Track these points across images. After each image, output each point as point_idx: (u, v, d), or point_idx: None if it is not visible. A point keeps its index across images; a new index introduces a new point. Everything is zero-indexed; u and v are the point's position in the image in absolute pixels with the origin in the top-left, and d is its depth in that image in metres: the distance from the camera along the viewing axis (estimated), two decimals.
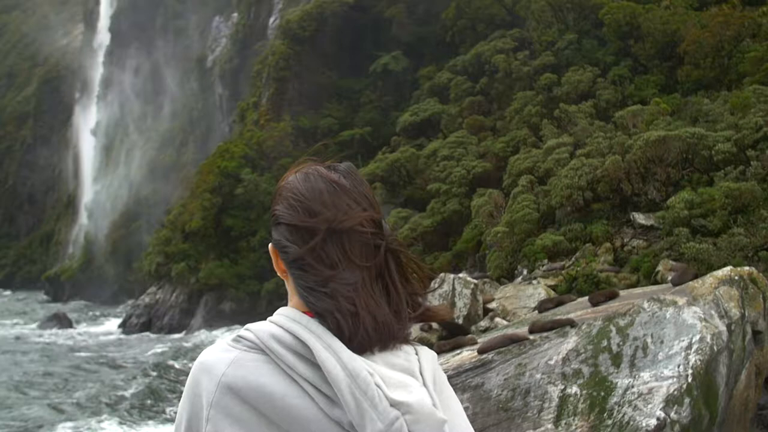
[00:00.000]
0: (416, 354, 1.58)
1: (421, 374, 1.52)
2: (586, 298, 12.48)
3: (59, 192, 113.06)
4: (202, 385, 1.48)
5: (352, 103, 49.09)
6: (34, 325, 51.35)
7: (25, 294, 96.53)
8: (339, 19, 50.06)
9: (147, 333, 42.97)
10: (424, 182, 33.05)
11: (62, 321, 50.25)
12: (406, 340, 1.57)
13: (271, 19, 69.25)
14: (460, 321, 17.06)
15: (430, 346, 16.37)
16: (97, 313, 62.30)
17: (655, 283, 15.34)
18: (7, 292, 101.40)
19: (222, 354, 1.50)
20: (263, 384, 1.43)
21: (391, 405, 1.39)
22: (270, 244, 1.66)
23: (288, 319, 1.50)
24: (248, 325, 1.54)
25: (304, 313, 1.52)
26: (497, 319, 16.61)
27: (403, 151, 35.49)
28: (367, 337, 1.47)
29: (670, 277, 12.73)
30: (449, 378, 6.76)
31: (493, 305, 17.54)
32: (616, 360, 8.96)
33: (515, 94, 34.24)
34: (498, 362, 10.11)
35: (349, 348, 1.45)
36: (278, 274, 1.65)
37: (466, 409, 10.28)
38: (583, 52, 33.71)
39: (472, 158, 31.35)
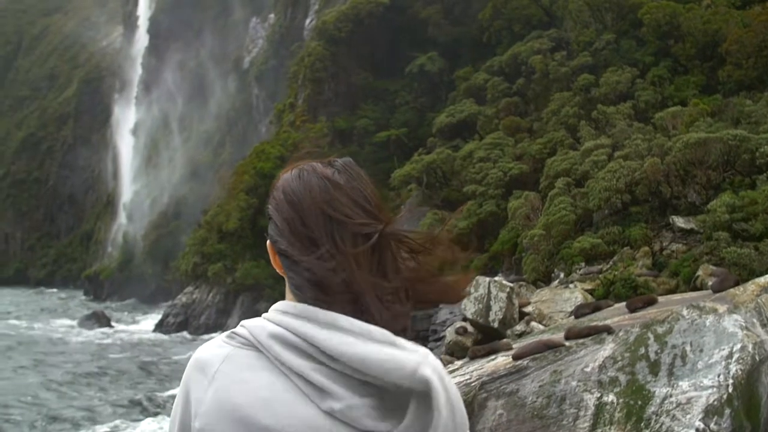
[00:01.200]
0: (424, 357, 1.50)
1: None
2: (624, 303, 12.28)
3: (99, 192, 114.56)
4: (199, 382, 1.47)
5: (388, 104, 49.02)
6: (74, 322, 52.03)
7: (65, 292, 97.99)
8: (375, 19, 50.00)
9: (183, 333, 43.29)
10: (460, 184, 32.86)
11: (101, 320, 50.85)
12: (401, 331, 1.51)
13: (307, 20, 69.44)
14: (495, 325, 16.91)
15: (465, 349, 16.28)
16: (135, 312, 63.00)
17: (695, 288, 15.07)
18: (48, 290, 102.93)
19: (216, 350, 1.49)
20: (251, 384, 1.42)
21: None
22: (267, 242, 1.63)
23: (279, 313, 1.48)
24: (243, 322, 1.53)
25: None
26: (533, 323, 16.43)
27: (439, 153, 35.32)
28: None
29: (710, 283, 12.49)
30: (483, 384, 6.64)
31: (529, 309, 17.36)
32: (654, 368, 8.79)
33: (552, 95, 33.92)
34: (533, 369, 9.99)
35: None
36: (277, 271, 1.63)
37: (500, 416, 10.16)
38: (621, 52, 33.31)
39: (509, 160, 31.10)
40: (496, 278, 18.95)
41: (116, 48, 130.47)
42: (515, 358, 10.41)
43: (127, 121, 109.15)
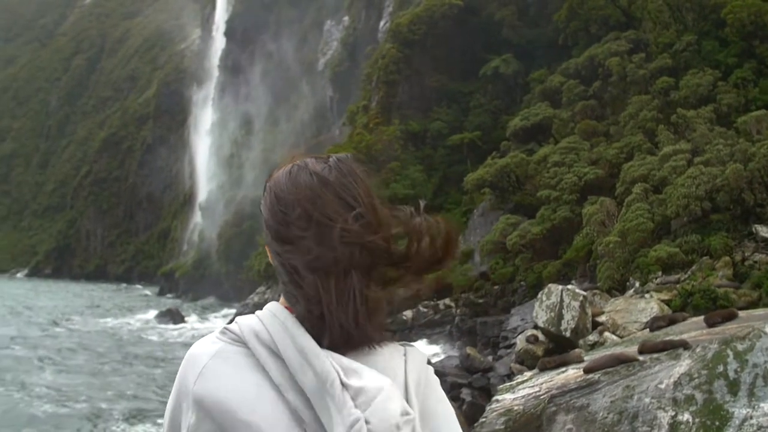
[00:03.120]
0: (404, 355, 1.54)
1: (405, 375, 1.49)
2: (701, 318, 11.85)
3: (176, 191, 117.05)
4: (188, 377, 1.50)
5: (462, 107, 48.72)
6: (150, 317, 53.18)
7: (142, 288, 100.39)
8: (449, 21, 49.76)
9: None
10: (533, 188, 32.40)
11: (175, 316, 51.88)
12: (387, 340, 1.52)
13: (381, 23, 69.59)
14: (567, 334, 16.58)
15: (535, 359, 15.98)
16: (208, 311, 64.05)
17: None
18: (126, 286, 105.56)
19: (208, 346, 1.51)
20: (231, 379, 1.44)
21: (356, 406, 1.35)
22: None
23: (270, 315, 1.50)
24: (237, 318, 1.54)
25: (287, 308, 1.52)
26: (606, 334, 16.03)
27: (512, 156, 34.89)
28: (336, 337, 1.44)
29: None
30: (553, 397, 6.37)
31: (602, 318, 16.96)
32: (733, 388, 8.43)
33: (630, 99, 33.20)
34: (605, 383, 9.73)
35: (322, 347, 1.43)
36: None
37: (569, 431, 9.87)
38: (702, 53, 32.41)
39: (584, 164, 30.50)
40: (569, 286, 18.54)
41: (194, 50, 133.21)
42: (586, 371, 10.18)
43: (204, 121, 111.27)
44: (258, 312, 1.53)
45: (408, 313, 32.96)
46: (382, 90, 50.17)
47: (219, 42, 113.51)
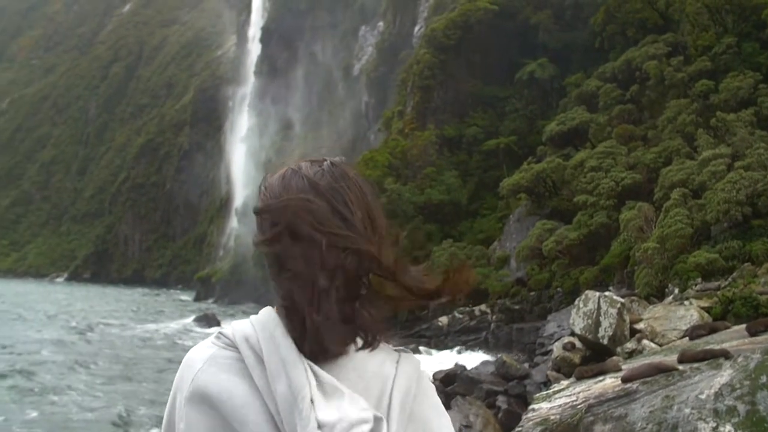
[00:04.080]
0: (397, 362, 1.52)
1: (392, 383, 1.47)
2: (743, 326, 11.60)
3: (212, 196, 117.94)
4: (183, 381, 1.51)
5: (498, 112, 48.56)
6: (186, 322, 53.54)
7: (178, 292, 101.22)
8: (484, 26, 49.62)
9: None
10: (570, 194, 32.17)
11: (210, 321, 52.14)
12: (376, 347, 1.49)
13: (416, 28, 69.63)
14: (605, 341, 16.34)
15: (572, 366, 15.79)
16: (244, 315, 64.15)
17: None
18: (163, 291, 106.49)
19: (203, 351, 1.52)
20: (224, 384, 1.44)
21: (318, 427, 1.34)
22: None
23: (260, 320, 1.49)
24: (233, 322, 1.55)
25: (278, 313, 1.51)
26: (645, 342, 15.77)
27: (549, 162, 34.67)
28: (313, 345, 1.43)
29: None
30: (590, 407, 6.22)
31: (640, 326, 16.69)
32: None
33: (668, 102, 32.85)
34: (643, 393, 9.55)
35: (305, 356, 1.42)
36: None
37: None
38: (743, 56, 31.97)
39: (621, 169, 30.19)
40: (607, 293, 18.30)
41: (230, 57, 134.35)
42: (624, 380, 10.01)
43: (240, 127, 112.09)
44: (252, 316, 1.53)
45: (443, 319, 32.84)
46: (417, 95, 50.13)
47: (255, 48, 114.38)
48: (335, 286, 1.42)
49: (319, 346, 1.43)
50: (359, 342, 1.47)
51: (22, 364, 29.21)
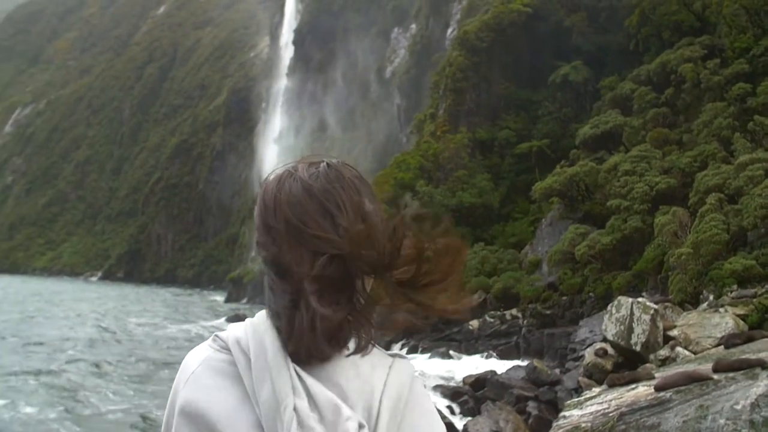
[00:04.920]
0: (389, 367, 1.49)
1: (382, 389, 1.44)
2: None
3: (244, 197, 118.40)
4: (179, 383, 1.53)
5: (530, 115, 48.28)
6: (219, 322, 53.84)
7: (210, 293, 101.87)
8: (517, 28, 49.37)
9: None
10: (603, 198, 31.86)
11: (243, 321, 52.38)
12: (368, 352, 1.47)
13: (449, 30, 69.49)
14: (638, 348, 16.14)
15: (604, 373, 15.61)
16: None
17: None
18: (196, 290, 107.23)
19: (199, 354, 1.54)
20: (213, 393, 1.45)
21: None
22: None
23: (254, 323, 1.50)
24: (230, 325, 1.56)
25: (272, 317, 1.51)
26: (678, 349, 15.54)
27: (582, 165, 34.37)
28: (298, 349, 1.43)
29: None
30: (622, 415, 6.09)
31: (674, 333, 16.46)
32: None
33: (704, 106, 32.42)
34: (677, 402, 9.40)
35: (293, 360, 1.42)
36: None
37: None
38: None
39: (656, 173, 29.84)
40: (640, 298, 18.07)
41: (263, 58, 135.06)
42: (657, 389, 9.87)
43: (272, 128, 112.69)
44: (249, 319, 1.53)
45: (474, 323, 32.69)
46: (449, 98, 49.98)
47: (288, 50, 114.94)
48: (324, 290, 1.42)
49: (306, 350, 1.42)
50: (351, 347, 1.46)
51: (53, 362, 29.59)
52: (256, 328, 1.47)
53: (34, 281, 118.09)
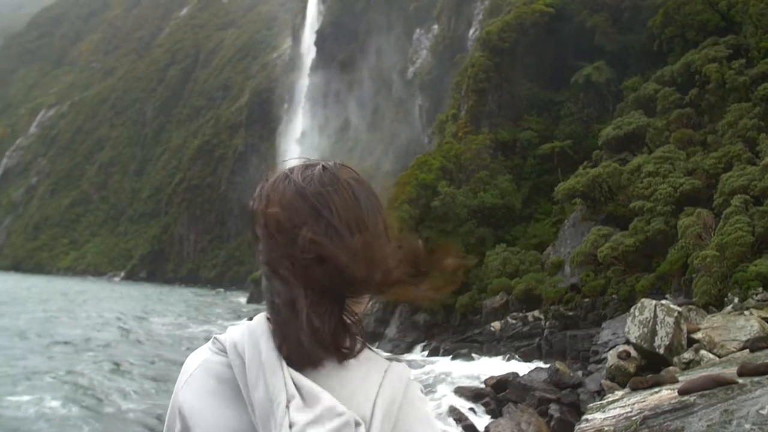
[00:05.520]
0: (385, 371, 1.48)
1: (376, 394, 1.43)
2: None
3: None
4: (178, 385, 1.55)
5: (553, 116, 48.07)
6: (240, 323, 53.97)
7: (232, 293, 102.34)
8: (540, 29, 49.13)
9: None
10: (626, 199, 31.65)
11: None
12: (363, 355, 1.48)
13: (471, 31, 69.35)
14: (661, 351, 16.00)
15: (627, 376, 15.49)
16: None
17: None
18: (219, 291, 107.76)
19: (198, 356, 1.55)
20: (208, 396, 1.47)
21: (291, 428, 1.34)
22: None
23: (251, 326, 1.50)
24: (229, 327, 1.56)
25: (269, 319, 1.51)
26: (703, 352, 15.40)
27: (605, 166, 34.16)
28: (292, 352, 1.42)
29: None
30: (645, 419, 6.03)
31: (698, 335, 16.30)
32: None
33: (729, 106, 32.11)
34: (701, 406, 9.30)
35: (288, 364, 1.41)
36: None
37: None
38: None
39: (680, 175, 29.60)
40: (664, 301, 17.90)
41: (285, 60, 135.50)
42: (681, 393, 9.77)
43: (294, 129, 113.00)
44: (247, 321, 1.53)
45: (496, 325, 32.61)
46: (471, 99, 49.85)
47: (310, 51, 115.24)
48: (317, 293, 1.42)
49: (300, 354, 1.42)
50: (345, 350, 1.45)
51: (76, 361, 29.82)
52: (253, 331, 1.47)
53: (58, 281, 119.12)
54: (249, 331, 1.48)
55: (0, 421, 19.00)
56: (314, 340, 1.41)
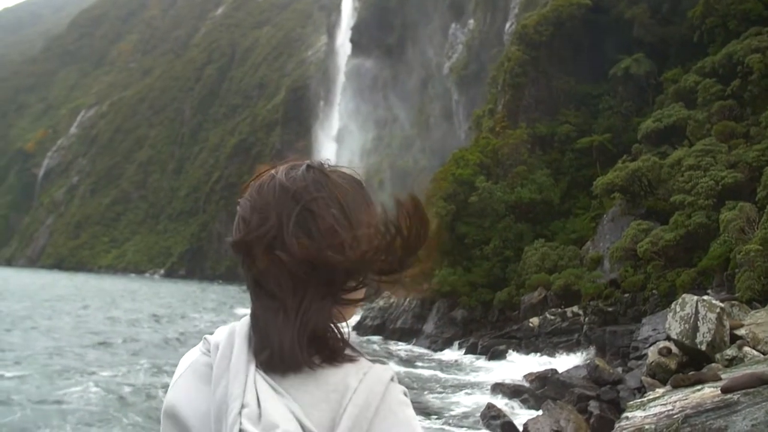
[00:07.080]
0: (364, 374, 1.41)
1: (351, 396, 1.36)
2: None
3: None
4: (171, 384, 1.52)
5: (591, 109, 47.54)
6: None
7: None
8: (577, 21, 48.61)
9: (378, 336, 43.73)
10: (666, 193, 31.19)
11: None
12: (343, 358, 1.42)
13: (507, 25, 68.90)
14: (703, 348, 15.70)
15: (668, 372, 15.20)
16: None
17: None
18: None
19: (189, 356, 1.54)
20: (192, 396, 1.45)
21: None
22: None
23: (233, 328, 1.48)
24: (219, 328, 1.54)
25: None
26: (746, 349, 15.06)
27: (644, 160, 33.67)
28: (269, 355, 1.39)
29: None
30: (687, 418, 5.80)
31: (741, 332, 15.97)
32: None
33: None
34: (745, 405, 9.05)
35: (261, 366, 1.39)
36: None
37: None
38: None
39: (722, 168, 29.06)
40: (705, 296, 17.58)
41: (320, 57, 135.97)
42: (724, 391, 9.53)
43: (330, 126, 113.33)
44: (234, 322, 1.51)
45: (534, 320, 32.39)
46: (508, 93, 49.52)
47: (345, 48, 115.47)
48: (295, 294, 1.40)
49: (273, 356, 1.39)
50: (327, 354, 1.41)
51: (115, 359, 30.08)
52: (233, 332, 1.46)
53: (100, 279, 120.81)
54: (229, 332, 1.47)
55: (42, 414, 19.20)
56: (295, 344, 1.38)
